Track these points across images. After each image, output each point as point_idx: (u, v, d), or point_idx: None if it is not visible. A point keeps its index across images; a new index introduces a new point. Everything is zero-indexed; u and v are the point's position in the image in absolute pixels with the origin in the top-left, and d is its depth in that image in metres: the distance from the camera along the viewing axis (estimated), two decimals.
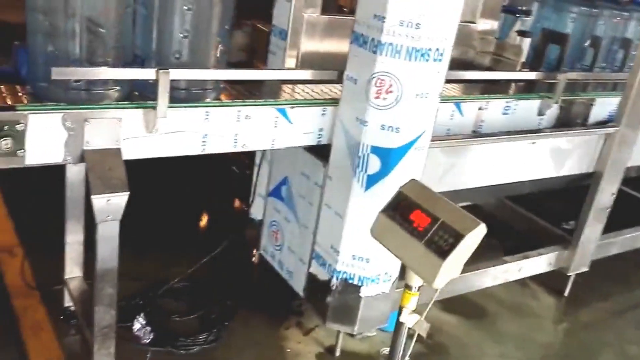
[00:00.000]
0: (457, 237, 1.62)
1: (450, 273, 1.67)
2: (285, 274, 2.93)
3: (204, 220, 3.96)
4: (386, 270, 2.61)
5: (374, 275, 2.59)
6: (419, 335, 1.88)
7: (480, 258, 3.25)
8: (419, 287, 1.82)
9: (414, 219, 1.73)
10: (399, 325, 1.86)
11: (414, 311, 1.84)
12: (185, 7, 2.12)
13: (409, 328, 1.87)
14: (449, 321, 3.11)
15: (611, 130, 3.18)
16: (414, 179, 1.88)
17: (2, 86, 2.05)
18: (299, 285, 2.83)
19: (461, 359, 2.90)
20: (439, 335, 2.99)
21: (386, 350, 2.63)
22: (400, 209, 1.78)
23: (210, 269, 3.07)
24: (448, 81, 3.08)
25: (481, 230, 1.63)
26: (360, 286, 2.58)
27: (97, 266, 2.13)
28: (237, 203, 3.98)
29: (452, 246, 1.62)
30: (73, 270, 2.73)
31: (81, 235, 2.66)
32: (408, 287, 1.82)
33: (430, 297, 2.94)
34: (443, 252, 1.63)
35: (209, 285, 3.10)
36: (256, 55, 3.21)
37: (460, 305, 3.17)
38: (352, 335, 2.85)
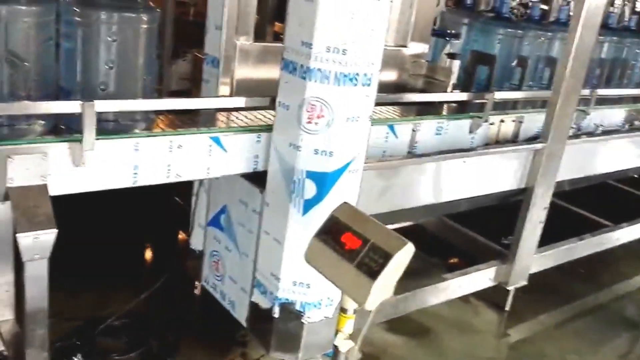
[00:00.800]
0: (387, 257, 1.64)
1: (382, 293, 1.68)
2: (228, 305, 2.89)
3: (144, 254, 3.88)
4: (328, 295, 2.61)
5: (315, 301, 2.58)
6: None
7: (423, 277, 3.30)
8: (355, 310, 1.82)
9: (346, 241, 1.75)
10: (335, 349, 1.86)
11: (351, 336, 1.84)
12: (110, 38, 2.10)
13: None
14: (394, 342, 3.12)
15: (539, 146, 3.29)
16: (345, 202, 1.90)
17: None
18: (241, 315, 2.79)
19: None
20: (383, 357, 2.99)
21: None
22: (333, 233, 1.79)
23: (150, 303, 2.99)
24: (382, 104, 3.17)
25: (409, 249, 1.65)
26: (302, 312, 2.57)
27: (27, 307, 2.06)
28: (178, 234, 3.92)
29: (382, 266, 1.64)
30: (4, 313, 2.61)
31: (11, 276, 2.55)
32: (343, 310, 1.82)
33: (373, 318, 2.96)
34: (373, 273, 1.64)
35: (150, 321, 3.02)
36: (196, 84, 3.21)
37: (404, 325, 3.19)
38: None
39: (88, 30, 2.08)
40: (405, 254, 1.65)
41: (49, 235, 1.98)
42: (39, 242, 1.98)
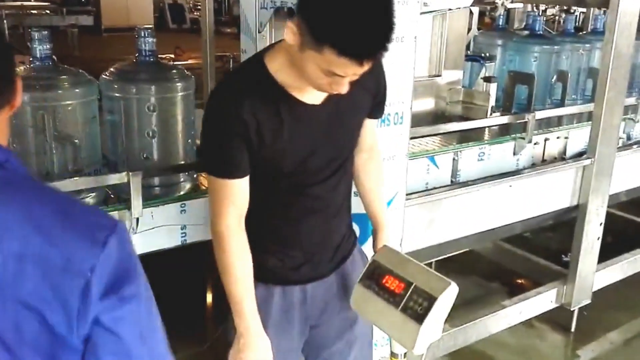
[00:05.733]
0: (431, 300, 1.63)
1: (430, 336, 1.67)
2: None
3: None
4: (383, 335, 2.59)
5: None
6: None
7: (484, 304, 3.24)
8: (405, 354, 1.82)
9: (389, 285, 1.75)
10: None
11: None
12: (149, 109, 2.21)
13: None
14: None
15: (586, 162, 3.21)
16: (386, 245, 1.90)
17: None
18: None
19: None
20: None
21: None
22: (375, 277, 1.79)
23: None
24: (422, 136, 3.19)
25: (452, 289, 1.64)
26: None
27: None
28: None
29: (427, 309, 1.63)
30: None
31: None
32: (394, 355, 1.82)
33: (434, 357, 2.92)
34: (419, 317, 1.63)
35: None
36: None
37: (466, 356, 3.13)
38: None
39: (128, 103, 2.21)
40: (449, 294, 1.65)
41: None
42: None
